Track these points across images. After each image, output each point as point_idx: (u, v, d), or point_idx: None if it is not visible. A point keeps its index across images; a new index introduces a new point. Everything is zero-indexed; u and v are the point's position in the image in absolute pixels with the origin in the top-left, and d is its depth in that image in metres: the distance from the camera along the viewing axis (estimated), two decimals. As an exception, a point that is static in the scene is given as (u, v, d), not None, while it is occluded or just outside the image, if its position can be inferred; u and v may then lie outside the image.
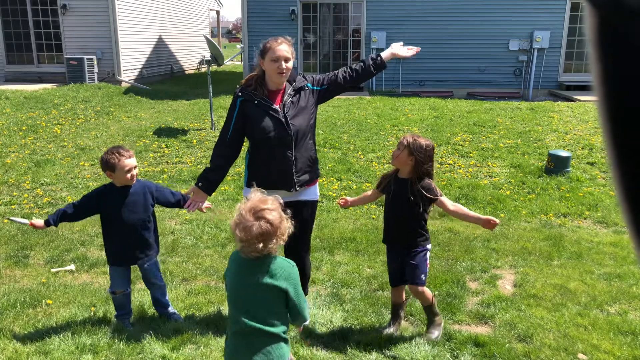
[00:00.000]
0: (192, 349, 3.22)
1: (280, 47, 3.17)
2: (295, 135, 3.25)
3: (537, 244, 5.00)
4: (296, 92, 3.33)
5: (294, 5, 14.13)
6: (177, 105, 11.92)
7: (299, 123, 3.27)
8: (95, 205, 3.40)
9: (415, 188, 3.21)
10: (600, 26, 0.37)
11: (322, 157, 7.66)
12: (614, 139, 0.39)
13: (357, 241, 5.02)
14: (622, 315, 3.70)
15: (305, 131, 3.31)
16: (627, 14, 0.35)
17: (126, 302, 3.58)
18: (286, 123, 3.23)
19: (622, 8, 0.35)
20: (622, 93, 0.38)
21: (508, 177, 7.07)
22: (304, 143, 3.31)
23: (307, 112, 3.33)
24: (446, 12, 14.02)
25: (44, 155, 7.89)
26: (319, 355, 3.17)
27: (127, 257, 3.48)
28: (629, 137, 0.38)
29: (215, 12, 26.20)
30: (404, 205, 3.25)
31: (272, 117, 3.23)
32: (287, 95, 3.30)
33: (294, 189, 3.30)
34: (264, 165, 3.30)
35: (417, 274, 3.28)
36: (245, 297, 2.24)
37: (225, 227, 5.38)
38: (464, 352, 3.19)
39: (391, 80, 14.37)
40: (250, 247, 2.14)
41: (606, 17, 0.37)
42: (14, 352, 3.15)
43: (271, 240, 2.16)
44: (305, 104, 3.33)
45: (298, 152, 3.28)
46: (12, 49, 14.51)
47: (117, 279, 3.50)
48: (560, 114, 10.61)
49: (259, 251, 2.14)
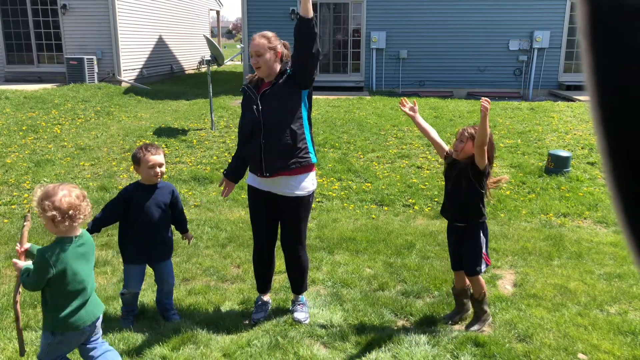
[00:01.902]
0: (192, 349, 3.22)
1: (252, 43, 3.34)
2: (264, 123, 3.32)
3: (537, 244, 5.00)
4: (277, 80, 3.39)
5: (294, 5, 14.12)
6: (177, 105, 11.92)
7: (272, 111, 3.33)
8: (122, 207, 3.44)
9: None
10: (592, 17, 0.37)
11: (322, 157, 7.67)
12: (607, 134, 0.39)
13: (357, 241, 5.02)
14: (622, 315, 3.70)
15: (279, 118, 3.33)
16: (623, 12, 0.35)
17: (134, 300, 3.61)
18: (257, 110, 3.34)
19: (620, 6, 0.35)
20: (614, 86, 0.37)
21: (508, 177, 7.07)
22: (278, 130, 3.32)
23: (286, 99, 3.35)
24: (446, 12, 14.02)
25: (44, 155, 7.89)
26: (319, 355, 3.17)
27: (146, 255, 3.51)
28: (621, 131, 0.38)
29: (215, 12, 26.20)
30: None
31: (250, 105, 3.40)
32: (269, 85, 3.40)
33: (264, 173, 3.38)
34: (245, 149, 3.49)
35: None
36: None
37: (225, 227, 5.39)
38: (464, 352, 3.19)
39: (391, 80, 14.37)
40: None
41: (599, 10, 0.37)
42: (14, 352, 3.15)
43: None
44: (287, 91, 3.36)
45: (270, 139, 3.33)
46: (12, 49, 14.50)
47: (132, 277, 3.52)
48: (560, 114, 10.61)
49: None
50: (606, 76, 0.38)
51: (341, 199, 6.32)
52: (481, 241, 3.43)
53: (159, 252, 3.54)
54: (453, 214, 3.47)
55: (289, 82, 3.36)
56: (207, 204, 6.14)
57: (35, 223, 4.97)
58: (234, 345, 3.24)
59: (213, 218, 5.64)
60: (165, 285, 3.63)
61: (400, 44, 14.21)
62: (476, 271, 3.43)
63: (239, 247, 4.87)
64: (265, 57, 3.31)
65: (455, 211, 3.44)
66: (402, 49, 14.21)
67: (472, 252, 3.42)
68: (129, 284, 3.53)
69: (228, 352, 3.18)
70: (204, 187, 6.74)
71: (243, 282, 4.21)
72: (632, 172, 0.38)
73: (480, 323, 3.48)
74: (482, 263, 3.43)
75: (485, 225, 3.48)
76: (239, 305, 3.84)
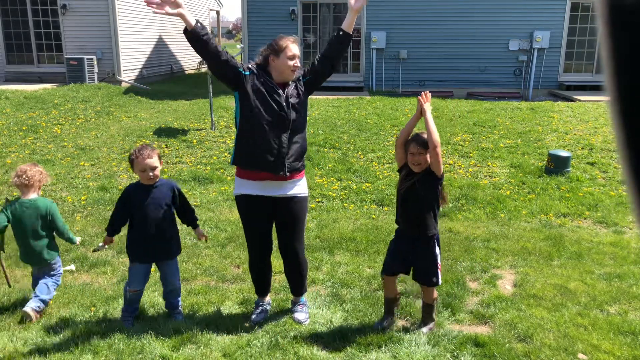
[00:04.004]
0: (192, 349, 3.22)
1: (296, 46, 3.39)
2: (293, 121, 3.32)
3: (537, 244, 5.00)
4: (295, 84, 3.44)
5: (294, 5, 14.12)
6: (177, 105, 11.92)
7: (298, 111, 3.37)
8: (125, 208, 3.49)
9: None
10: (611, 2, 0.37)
11: (322, 157, 7.67)
12: (625, 123, 0.38)
13: (357, 241, 5.02)
14: (622, 315, 3.70)
15: (302, 120, 3.41)
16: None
17: (137, 300, 3.62)
18: (287, 106, 3.31)
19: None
20: (631, 69, 0.37)
21: (508, 177, 7.07)
22: (298, 131, 3.38)
23: (303, 105, 3.44)
24: (446, 12, 14.01)
25: (44, 155, 7.89)
26: (319, 355, 3.17)
27: (148, 254, 3.51)
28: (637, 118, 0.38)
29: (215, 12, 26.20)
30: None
31: (274, 98, 3.29)
32: (290, 85, 3.41)
33: (284, 173, 3.30)
34: (255, 146, 3.28)
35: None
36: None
37: (225, 227, 5.39)
38: (464, 352, 3.19)
39: (391, 80, 14.37)
40: None
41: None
42: (14, 352, 3.16)
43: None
44: (303, 97, 3.44)
45: (292, 138, 3.34)
46: (12, 49, 14.50)
47: (136, 276, 3.53)
48: (560, 114, 10.61)
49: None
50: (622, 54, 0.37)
51: (341, 199, 6.32)
52: (437, 251, 3.41)
53: (161, 251, 3.54)
54: (410, 225, 3.39)
55: (306, 87, 3.44)
56: (207, 204, 6.14)
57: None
58: (234, 345, 3.24)
59: (213, 218, 5.64)
60: (168, 286, 3.63)
61: (400, 44, 14.21)
62: (434, 282, 3.39)
63: (239, 247, 4.87)
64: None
65: (413, 222, 3.36)
66: (402, 49, 14.21)
67: (431, 263, 3.37)
68: (131, 283, 3.55)
69: (228, 352, 3.18)
70: (204, 187, 6.74)
71: (243, 282, 4.21)
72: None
73: (428, 328, 3.45)
74: (439, 274, 3.42)
75: (438, 234, 3.45)
76: (239, 305, 3.84)
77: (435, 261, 3.39)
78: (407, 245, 3.42)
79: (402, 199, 3.38)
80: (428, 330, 3.44)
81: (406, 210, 3.38)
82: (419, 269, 3.41)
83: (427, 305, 3.50)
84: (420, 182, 3.28)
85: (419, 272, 3.42)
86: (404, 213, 3.40)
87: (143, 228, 3.45)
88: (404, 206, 3.38)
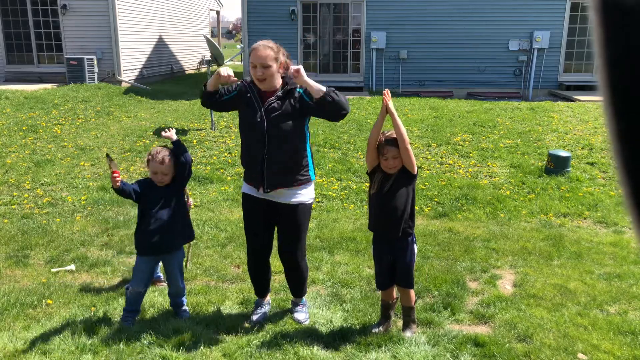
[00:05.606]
0: (192, 349, 3.22)
1: (259, 53, 3.13)
2: (270, 138, 3.20)
3: (537, 244, 5.00)
4: (285, 95, 3.25)
5: (294, 5, 14.13)
6: (177, 105, 11.92)
7: (277, 127, 3.20)
8: (134, 190, 3.52)
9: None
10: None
11: (322, 157, 7.67)
12: (618, 122, 0.38)
13: (357, 241, 5.02)
14: (622, 315, 3.70)
15: (284, 135, 3.21)
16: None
17: (139, 300, 3.61)
18: (262, 123, 3.20)
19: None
20: (622, 60, 0.37)
21: (508, 177, 7.08)
22: (280, 147, 3.23)
23: (290, 117, 3.22)
24: (446, 12, 14.02)
25: (44, 155, 7.89)
26: (319, 355, 3.17)
27: (155, 247, 3.50)
28: (631, 115, 0.38)
29: (215, 12, 26.20)
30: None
31: (254, 115, 3.24)
32: (274, 97, 3.24)
33: (264, 190, 3.31)
34: (244, 159, 3.44)
35: None
36: None
37: (225, 227, 5.39)
38: (464, 352, 3.19)
39: (391, 80, 14.37)
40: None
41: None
42: (14, 352, 3.16)
43: None
44: (291, 109, 3.23)
45: (271, 155, 3.23)
46: (12, 49, 14.51)
47: (140, 275, 3.53)
48: (560, 114, 10.61)
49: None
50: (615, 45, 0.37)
51: (341, 199, 6.32)
52: (415, 249, 3.39)
53: (165, 242, 3.52)
54: (391, 228, 3.29)
55: (299, 100, 3.23)
56: (207, 204, 6.14)
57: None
58: (234, 345, 3.24)
59: (213, 218, 5.64)
60: (172, 287, 3.65)
61: (400, 44, 14.21)
62: (412, 284, 3.39)
63: (239, 247, 4.87)
64: (272, 69, 3.16)
65: (393, 224, 3.27)
66: (402, 49, 14.21)
67: (410, 265, 3.35)
68: (133, 282, 3.55)
69: (228, 352, 3.18)
70: (204, 187, 6.74)
71: (243, 282, 4.21)
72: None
73: (411, 332, 3.43)
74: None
75: (414, 234, 3.40)
76: (239, 305, 3.84)
77: (414, 261, 3.39)
78: (389, 247, 3.37)
79: (379, 203, 3.29)
80: (412, 333, 3.42)
81: (386, 213, 3.27)
82: (401, 269, 3.36)
83: (408, 308, 3.46)
84: (398, 182, 3.24)
85: (401, 273, 3.36)
86: (383, 216, 3.30)
87: (149, 222, 3.49)
88: (384, 209, 3.28)
